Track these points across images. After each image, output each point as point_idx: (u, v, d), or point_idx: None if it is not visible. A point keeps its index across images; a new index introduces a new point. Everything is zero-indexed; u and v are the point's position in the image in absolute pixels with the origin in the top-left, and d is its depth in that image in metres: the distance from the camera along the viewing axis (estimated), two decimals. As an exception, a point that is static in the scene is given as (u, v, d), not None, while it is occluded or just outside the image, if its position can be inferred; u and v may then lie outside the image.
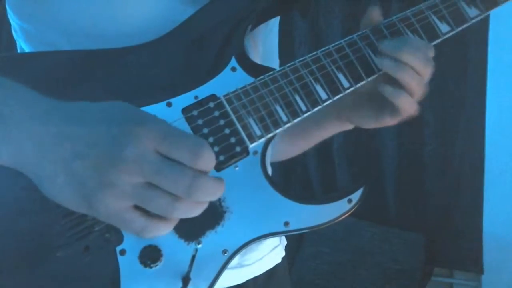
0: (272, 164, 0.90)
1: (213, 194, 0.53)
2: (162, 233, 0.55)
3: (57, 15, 0.73)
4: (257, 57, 0.84)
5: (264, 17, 0.81)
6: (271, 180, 0.72)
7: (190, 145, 0.52)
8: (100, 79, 0.70)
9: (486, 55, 2.44)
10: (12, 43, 0.83)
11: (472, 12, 0.81)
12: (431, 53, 0.76)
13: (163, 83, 0.71)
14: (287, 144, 0.98)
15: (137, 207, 0.53)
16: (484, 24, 2.37)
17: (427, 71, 0.75)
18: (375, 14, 0.78)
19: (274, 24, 0.92)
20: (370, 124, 0.83)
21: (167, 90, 0.70)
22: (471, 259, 2.52)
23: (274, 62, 0.95)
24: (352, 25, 2.56)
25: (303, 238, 2.52)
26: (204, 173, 0.53)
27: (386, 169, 2.63)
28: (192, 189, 0.51)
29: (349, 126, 0.89)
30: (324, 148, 2.66)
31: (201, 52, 0.73)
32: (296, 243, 2.49)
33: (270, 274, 0.88)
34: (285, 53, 0.99)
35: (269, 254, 0.88)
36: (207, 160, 0.52)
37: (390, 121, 0.80)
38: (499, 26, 2.36)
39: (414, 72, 0.74)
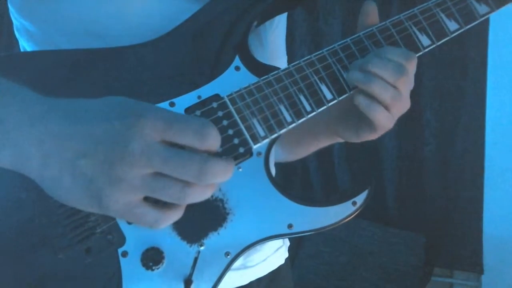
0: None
1: (223, 175, 0.52)
2: (174, 220, 0.54)
3: (60, 14, 0.73)
4: (263, 55, 0.82)
5: (269, 14, 0.80)
6: (275, 182, 0.71)
7: (194, 127, 0.51)
8: (102, 78, 0.69)
9: (486, 55, 2.44)
10: (12, 42, 0.82)
11: (482, 9, 0.79)
12: (408, 61, 0.71)
13: (166, 82, 0.70)
14: (285, 151, 0.97)
15: (146, 199, 0.52)
16: (484, 24, 2.37)
17: (400, 82, 0.70)
18: (371, 9, 0.76)
19: (279, 21, 0.91)
20: (352, 138, 0.79)
21: (170, 90, 0.69)
22: (471, 259, 2.52)
23: (281, 59, 0.95)
24: (352, 25, 2.55)
25: (303, 238, 2.52)
26: (211, 155, 0.52)
27: (386, 169, 2.63)
28: (202, 173, 0.51)
29: (340, 139, 0.85)
30: (324, 148, 2.65)
31: (204, 51, 0.72)
32: (296, 243, 2.49)
33: (273, 275, 0.88)
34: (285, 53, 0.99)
35: (272, 255, 0.88)
36: (214, 138, 0.52)
37: (369, 136, 0.76)
38: (499, 26, 2.36)
39: (385, 83, 0.70)
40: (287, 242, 0.95)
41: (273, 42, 0.89)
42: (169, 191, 0.51)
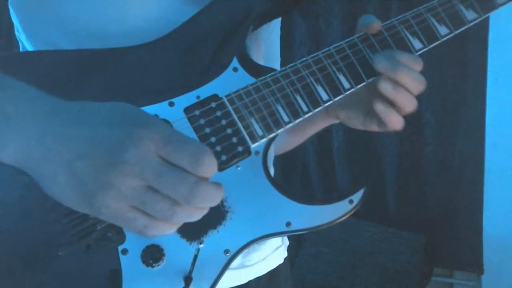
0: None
1: (212, 201, 0.53)
2: (165, 233, 0.55)
3: (59, 16, 0.74)
4: (260, 58, 0.84)
5: (265, 18, 0.81)
6: (273, 180, 0.72)
7: (192, 151, 0.52)
8: (102, 78, 0.70)
9: (486, 55, 2.44)
10: (12, 42, 0.83)
11: (470, 15, 0.82)
12: (421, 66, 0.76)
13: (165, 82, 0.71)
14: (281, 139, 0.98)
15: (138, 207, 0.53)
16: (484, 24, 2.37)
17: (419, 89, 0.75)
18: (375, 26, 0.78)
19: (275, 24, 0.93)
20: (356, 126, 0.83)
21: (169, 90, 0.70)
22: (471, 259, 2.52)
23: (276, 62, 0.96)
24: (352, 25, 2.56)
25: (303, 238, 2.52)
26: (205, 179, 0.53)
27: (386, 169, 2.63)
28: (192, 195, 0.51)
29: (337, 120, 0.89)
30: (324, 148, 2.66)
31: (203, 52, 0.73)
32: (296, 243, 2.49)
33: (272, 274, 0.88)
34: (285, 53, 1.00)
35: (271, 254, 0.88)
36: (209, 167, 0.52)
37: (376, 129, 0.80)
38: (499, 26, 2.36)
39: (407, 92, 0.74)
40: (286, 242, 0.95)
41: (269, 45, 0.90)
42: (157, 206, 0.52)
